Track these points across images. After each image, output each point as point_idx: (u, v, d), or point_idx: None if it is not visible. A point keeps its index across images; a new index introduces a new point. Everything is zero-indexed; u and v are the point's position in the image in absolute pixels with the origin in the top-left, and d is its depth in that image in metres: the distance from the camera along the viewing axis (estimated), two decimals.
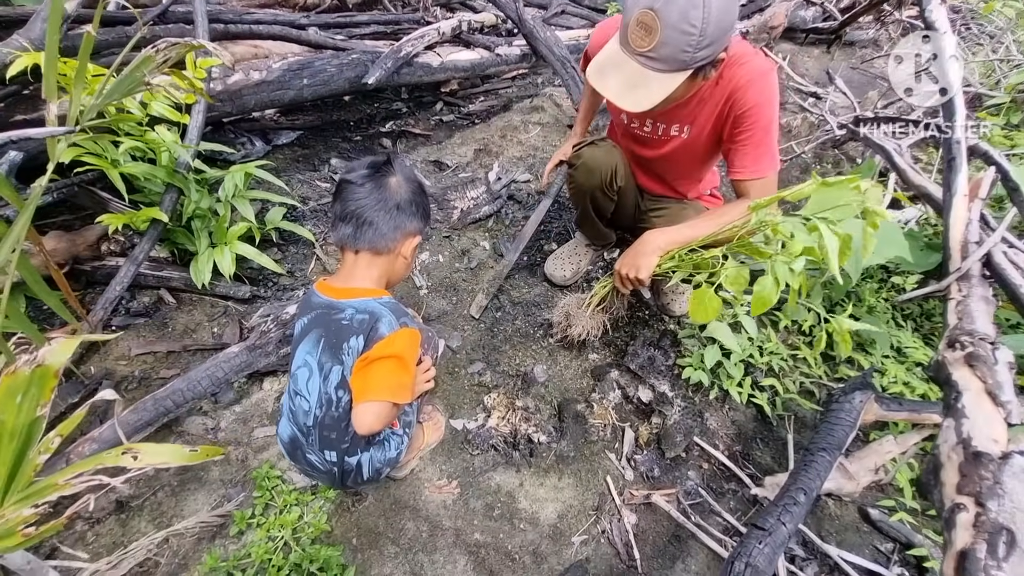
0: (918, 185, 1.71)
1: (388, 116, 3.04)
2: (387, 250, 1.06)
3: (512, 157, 2.60)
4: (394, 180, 1.05)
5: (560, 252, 1.94)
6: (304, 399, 1.05)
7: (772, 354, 1.73)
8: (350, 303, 1.02)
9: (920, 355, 1.82)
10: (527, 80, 3.55)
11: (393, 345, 0.99)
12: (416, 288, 1.89)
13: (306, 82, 2.03)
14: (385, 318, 1.00)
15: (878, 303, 1.99)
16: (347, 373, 1.00)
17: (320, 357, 1.03)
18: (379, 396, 0.97)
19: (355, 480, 1.12)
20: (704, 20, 1.01)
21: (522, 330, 1.75)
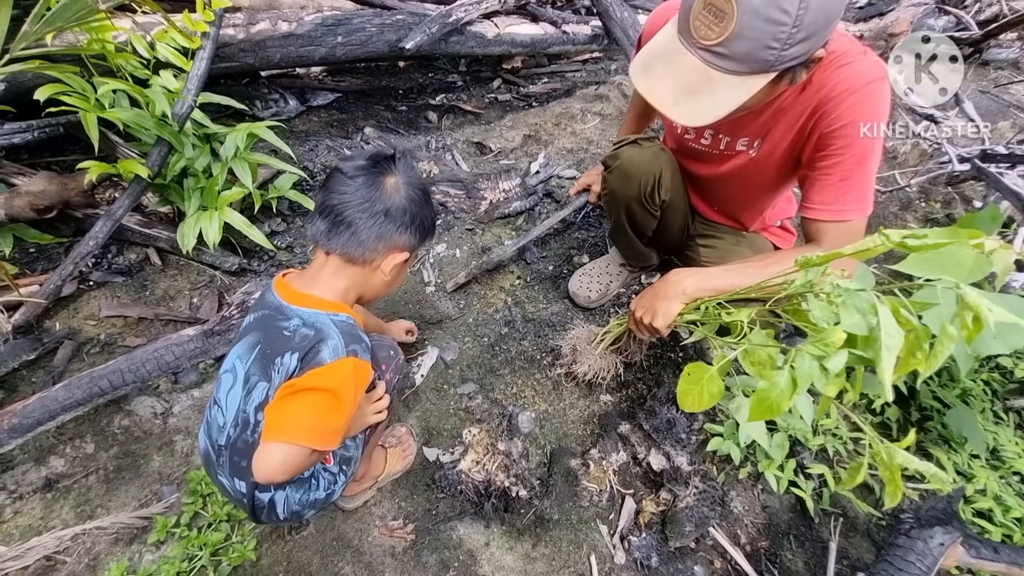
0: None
1: (440, 88, 2.83)
2: (363, 260, 0.88)
3: (562, 148, 2.32)
4: (391, 181, 0.88)
5: (589, 268, 1.66)
6: (220, 412, 0.88)
7: (829, 434, 1.40)
8: (300, 312, 0.85)
9: (1022, 465, 1.44)
10: (599, 65, 3.23)
11: (330, 377, 0.80)
12: (423, 284, 1.69)
13: (340, 40, 1.84)
14: (331, 341, 0.82)
15: (976, 385, 1.60)
16: (271, 394, 0.82)
17: (249, 367, 0.85)
18: (292, 438, 0.77)
19: (269, 517, 0.93)
20: (801, 4, 0.72)
21: (528, 353, 1.50)
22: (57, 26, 0.86)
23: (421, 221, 0.91)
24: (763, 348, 0.76)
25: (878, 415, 1.49)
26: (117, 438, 1.25)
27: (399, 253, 0.90)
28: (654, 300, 1.05)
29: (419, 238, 0.92)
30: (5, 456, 1.18)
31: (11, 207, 1.37)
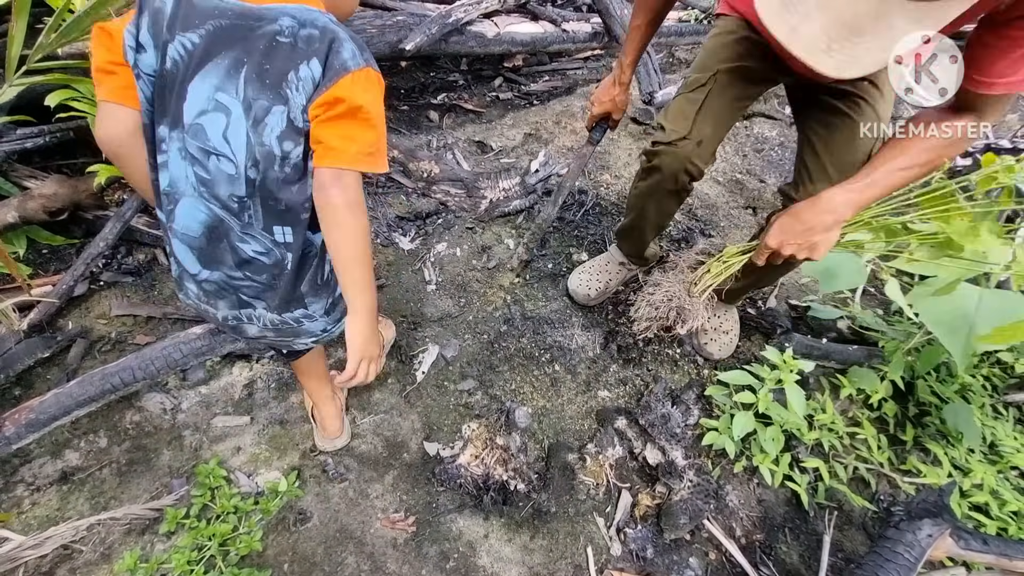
0: None
1: (442, 87, 2.85)
2: None
3: (562, 147, 2.34)
4: None
5: (588, 266, 1.68)
6: (225, 159, 0.71)
7: (825, 429, 1.42)
8: (284, 9, 0.67)
9: (1020, 459, 1.44)
10: (600, 62, 3.23)
11: (364, 90, 0.68)
12: (424, 283, 1.72)
13: None
14: (346, 43, 0.68)
15: (975, 380, 1.61)
16: (295, 116, 0.69)
17: (245, 92, 0.68)
18: (356, 163, 0.70)
19: (314, 281, 0.83)
20: None
21: (527, 351, 1.53)
22: (72, 37, 0.90)
23: None
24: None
25: (875, 410, 1.50)
26: (129, 433, 1.30)
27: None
28: (808, 234, 0.99)
29: None
30: (23, 450, 1.22)
31: (24, 210, 1.41)
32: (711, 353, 1.54)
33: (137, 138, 0.74)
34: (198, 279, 0.81)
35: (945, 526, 0.96)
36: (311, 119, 0.69)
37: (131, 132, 0.74)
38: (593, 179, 2.14)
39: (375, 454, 1.31)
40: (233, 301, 0.83)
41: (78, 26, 0.90)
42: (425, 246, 1.83)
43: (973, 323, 1.12)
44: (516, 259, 1.69)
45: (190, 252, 0.78)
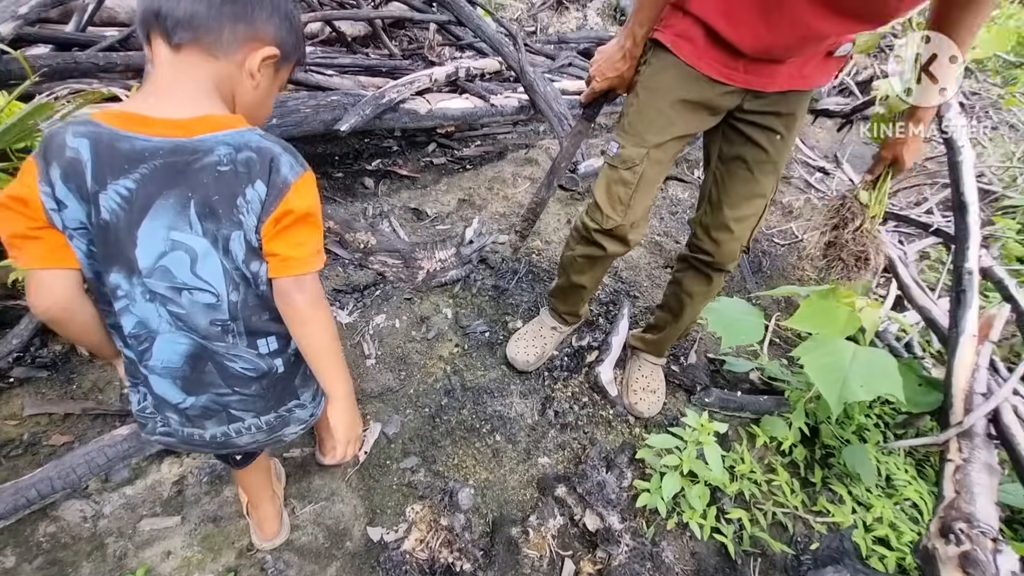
0: (922, 307, 1.54)
1: (376, 153, 2.93)
2: (223, 52, 0.70)
3: (495, 213, 2.46)
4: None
5: (524, 333, 1.76)
6: (200, 291, 0.72)
7: (745, 479, 1.54)
8: (217, 138, 0.68)
9: (912, 492, 1.62)
10: (529, 127, 3.45)
11: (304, 197, 0.72)
12: (363, 357, 1.73)
13: (275, 122, 1.91)
14: (283, 157, 0.71)
15: (869, 420, 1.81)
16: (251, 238, 0.71)
17: (204, 227, 0.69)
18: (312, 266, 0.75)
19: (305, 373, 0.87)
20: None
21: (468, 423, 1.57)
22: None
23: (287, 14, 0.75)
24: None
25: (787, 456, 1.65)
26: (42, 547, 1.20)
27: (264, 47, 0.73)
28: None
29: (288, 35, 0.76)
30: None
31: None
32: (641, 412, 1.65)
33: (81, 297, 0.73)
34: (181, 407, 0.81)
35: (845, 571, 1.07)
36: (263, 237, 0.71)
37: (73, 295, 0.72)
38: (526, 246, 2.26)
39: (317, 546, 1.28)
40: (222, 418, 0.83)
41: (4, 136, 0.90)
42: (364, 319, 1.85)
43: (847, 376, 1.29)
44: (510, 246, 1.78)
45: (172, 383, 0.78)
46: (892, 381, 1.28)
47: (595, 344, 1.84)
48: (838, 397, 1.26)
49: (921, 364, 1.64)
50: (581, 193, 2.65)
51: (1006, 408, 1.16)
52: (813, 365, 1.33)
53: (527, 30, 5.11)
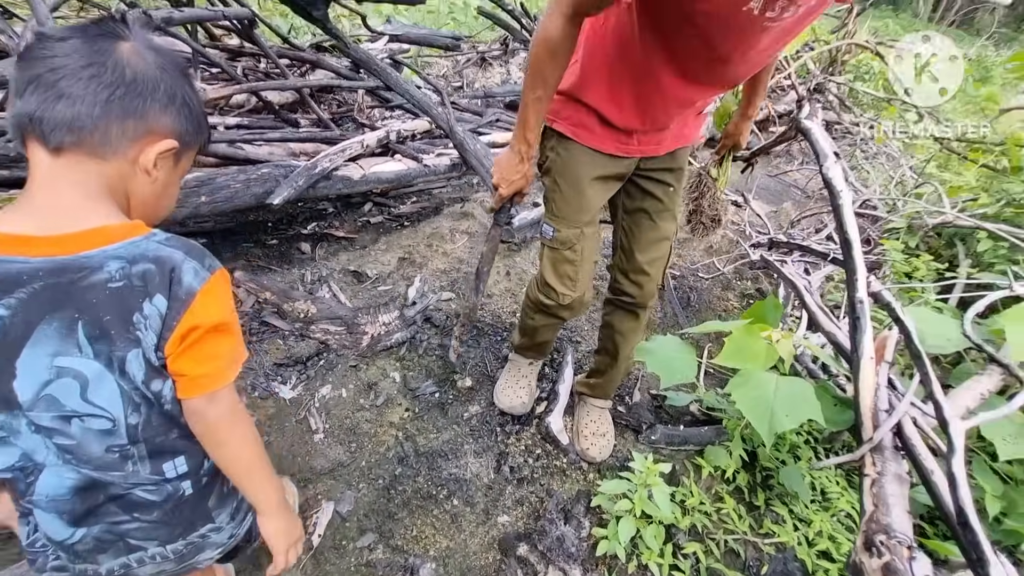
0: (828, 332, 1.71)
1: (311, 216, 2.91)
2: (111, 151, 0.64)
3: (436, 270, 2.50)
4: (126, 46, 0.65)
5: (506, 381, 1.84)
6: (93, 417, 0.66)
7: (696, 511, 1.61)
8: (107, 253, 0.63)
9: (844, 503, 1.75)
10: (463, 179, 3.55)
11: (217, 305, 0.68)
12: (310, 432, 1.68)
13: (204, 200, 1.88)
14: (186, 263, 0.66)
15: (799, 436, 1.94)
16: (151, 356, 0.66)
17: (94, 349, 0.63)
18: (225, 380, 0.71)
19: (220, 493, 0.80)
20: None
21: (424, 490, 1.55)
22: None
23: (184, 100, 0.69)
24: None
25: (732, 483, 1.75)
26: None
27: (160, 141, 0.68)
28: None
29: (187, 123, 0.70)
30: None
31: None
32: (593, 457, 1.70)
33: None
34: (68, 543, 0.73)
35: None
36: (166, 356, 0.66)
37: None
38: (467, 300, 2.31)
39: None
40: (119, 549, 0.75)
41: None
42: (308, 391, 1.81)
43: (773, 407, 1.41)
44: (452, 352, 1.84)
45: (59, 518, 0.71)
46: (812, 407, 1.41)
47: (543, 395, 1.89)
48: (768, 429, 1.37)
49: (835, 383, 1.80)
50: (518, 244, 2.75)
51: (906, 421, 1.30)
52: (743, 400, 1.44)
53: (454, 85, 5.32)
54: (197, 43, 3.00)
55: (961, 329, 1.67)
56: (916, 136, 3.51)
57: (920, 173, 3.19)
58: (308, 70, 3.46)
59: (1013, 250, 2.28)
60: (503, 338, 2.15)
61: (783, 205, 3.88)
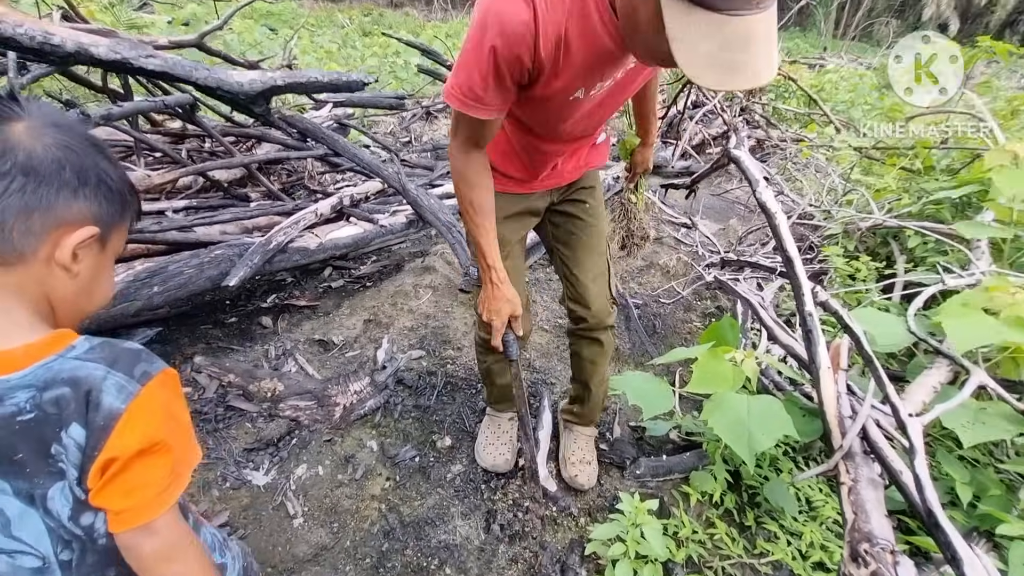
0: (786, 345, 1.78)
1: (270, 288, 2.86)
2: (17, 254, 0.58)
3: (403, 328, 2.49)
4: (19, 127, 0.58)
5: (486, 438, 1.82)
6: (25, 554, 0.61)
7: (689, 541, 1.61)
8: (13, 382, 0.57)
9: (829, 510, 1.78)
10: (421, 232, 3.58)
11: (146, 425, 0.61)
12: (288, 518, 1.61)
13: (157, 290, 1.84)
14: (107, 380, 0.59)
15: (778, 448, 1.98)
16: (76, 491, 0.61)
17: (12, 486, 0.59)
18: (160, 508, 0.62)
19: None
20: None
21: (414, 563, 1.50)
22: None
23: (99, 178, 0.62)
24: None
25: (720, 506, 1.76)
26: None
27: (76, 231, 0.61)
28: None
29: (104, 202, 0.63)
30: None
31: None
32: (582, 484, 1.72)
33: None
34: None
35: None
36: (89, 489, 0.61)
37: None
38: (438, 356, 2.30)
39: None
40: None
41: None
42: (283, 474, 1.75)
43: (749, 428, 1.45)
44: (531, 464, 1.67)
45: None
46: (784, 422, 1.45)
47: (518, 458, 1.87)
48: (748, 450, 1.41)
49: (802, 392, 1.86)
50: None
51: (870, 424, 1.36)
52: (720, 425, 1.47)
53: (402, 141, 5.43)
54: (138, 131, 3.00)
55: (906, 326, 1.77)
56: (837, 148, 3.78)
57: (847, 180, 3.42)
58: (254, 144, 3.48)
59: (941, 244, 2.45)
60: (478, 390, 2.14)
61: (729, 222, 4.07)
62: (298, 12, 11.98)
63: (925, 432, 1.76)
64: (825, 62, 8.87)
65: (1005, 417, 1.49)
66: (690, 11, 0.69)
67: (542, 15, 0.88)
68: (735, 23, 0.69)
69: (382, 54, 8.44)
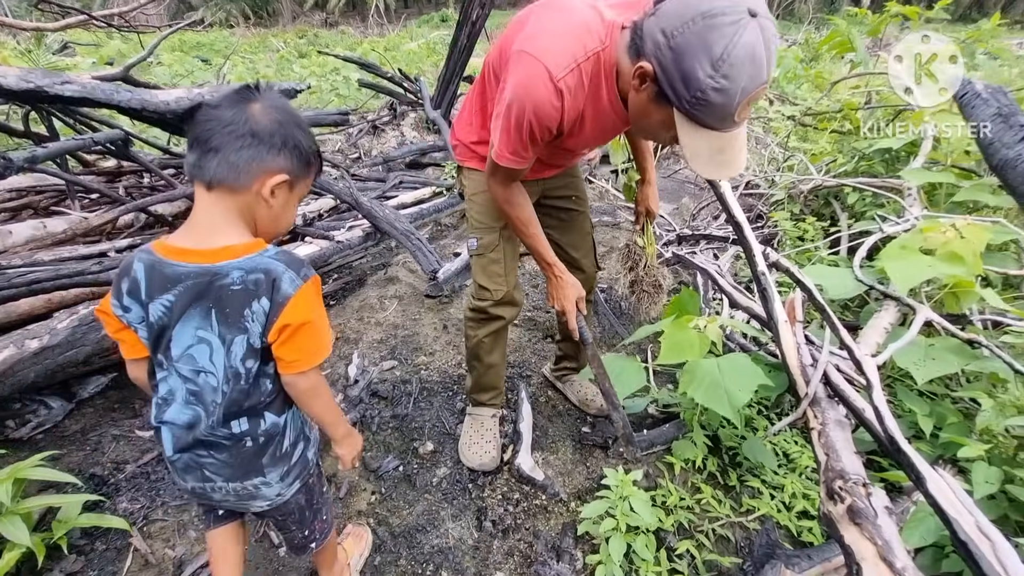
0: (746, 307, 1.84)
1: None
2: (242, 186, 0.88)
3: (372, 341, 2.45)
4: (256, 106, 0.89)
5: (469, 438, 1.82)
6: (212, 375, 0.93)
7: (678, 509, 1.64)
8: (233, 264, 0.88)
9: (806, 459, 1.85)
10: (380, 246, 3.55)
11: (303, 308, 0.90)
12: (273, 548, 1.56)
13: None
14: (285, 274, 0.89)
15: (751, 408, 2.04)
16: (253, 341, 0.90)
17: (219, 330, 0.90)
18: (311, 364, 0.94)
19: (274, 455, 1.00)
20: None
21: (409, 572, 1.48)
22: None
23: (295, 144, 0.91)
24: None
25: (703, 470, 1.80)
26: None
27: (274, 175, 0.89)
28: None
29: (296, 160, 0.92)
30: None
31: None
32: (600, 406, 1.91)
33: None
34: (172, 460, 1.00)
35: (778, 563, 1.19)
36: (270, 342, 0.90)
37: (144, 373, 1.00)
38: (411, 364, 2.28)
39: None
40: (198, 476, 1.00)
41: None
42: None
43: (726, 387, 1.49)
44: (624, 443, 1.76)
45: (171, 439, 0.97)
46: (756, 374, 1.50)
47: (506, 440, 1.87)
48: (729, 408, 1.45)
49: (767, 351, 1.93)
50: (449, 296, 2.76)
51: (831, 370, 1.42)
52: (698, 392, 1.51)
53: (351, 157, 5.36)
54: (70, 172, 2.86)
55: (854, 276, 1.86)
56: (772, 119, 3.94)
57: (786, 148, 3.57)
58: None
59: (877, 196, 2.58)
60: (455, 391, 2.13)
61: (682, 201, 4.18)
62: (230, 40, 11.69)
63: (884, 374, 1.86)
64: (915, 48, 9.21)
65: (952, 351, 1.59)
66: (697, 129, 0.97)
67: (568, 102, 1.12)
68: (725, 136, 0.97)
69: (321, 73, 8.32)
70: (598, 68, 1.10)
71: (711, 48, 0.86)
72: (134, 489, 1.70)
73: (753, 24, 0.86)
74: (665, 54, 0.92)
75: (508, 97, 1.15)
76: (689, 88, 0.91)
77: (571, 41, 1.08)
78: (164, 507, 1.64)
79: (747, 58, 0.86)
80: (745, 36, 0.86)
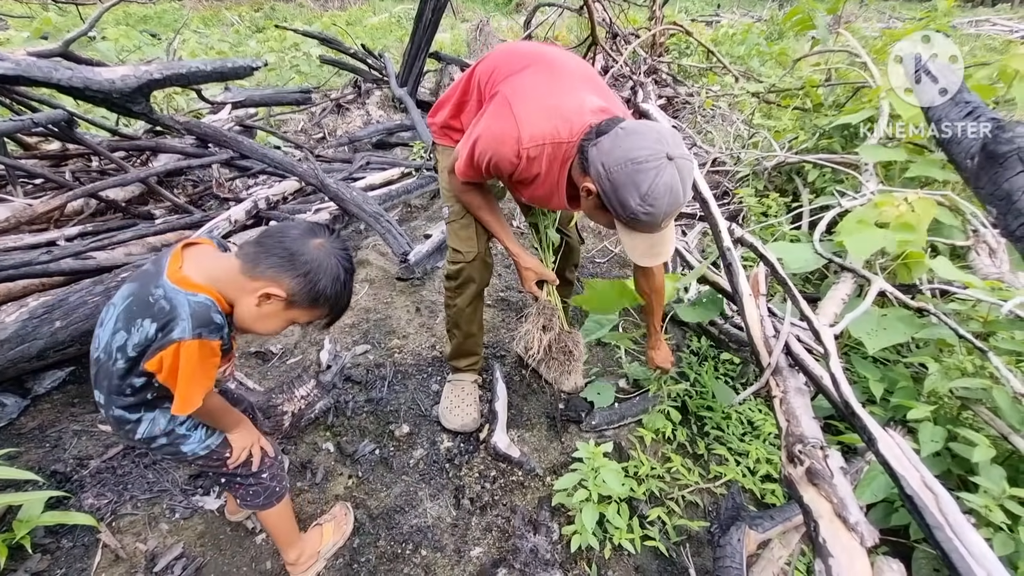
0: (713, 282, 1.89)
1: None
2: (249, 274, 0.98)
3: (344, 326, 2.42)
4: (316, 242, 1.01)
5: (450, 402, 1.88)
6: (103, 333, 1.01)
7: (649, 478, 1.70)
8: (165, 285, 0.95)
9: (770, 426, 1.93)
10: (350, 229, 3.47)
11: (177, 359, 0.95)
12: (250, 535, 1.55)
13: (59, 324, 1.68)
14: (183, 322, 0.93)
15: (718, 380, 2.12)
16: (128, 346, 0.97)
17: (120, 312, 0.99)
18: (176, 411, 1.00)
19: (125, 434, 1.09)
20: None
21: (389, 552, 1.49)
22: None
23: (314, 282, 0.99)
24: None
25: (673, 441, 1.87)
26: None
27: (271, 286, 0.97)
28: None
29: (305, 292, 0.99)
30: None
31: None
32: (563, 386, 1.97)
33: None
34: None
35: (743, 525, 1.25)
36: (151, 369, 0.97)
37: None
38: (384, 348, 2.26)
39: None
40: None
41: None
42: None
43: None
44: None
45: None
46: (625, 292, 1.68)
47: (482, 420, 1.89)
48: None
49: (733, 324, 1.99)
50: (420, 278, 2.74)
51: (792, 340, 1.47)
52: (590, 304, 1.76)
53: (315, 138, 5.19)
54: (9, 156, 2.69)
55: (813, 249, 1.93)
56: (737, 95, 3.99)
57: (751, 125, 3.63)
58: (150, 157, 3.22)
59: (836, 172, 2.66)
60: (429, 373, 2.13)
61: None
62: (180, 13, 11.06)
63: (841, 343, 1.94)
64: (720, 18, 9.26)
65: (903, 320, 1.67)
66: (633, 233, 1.20)
67: (523, 166, 1.32)
68: (655, 236, 1.20)
69: (279, 48, 7.98)
70: (558, 154, 1.29)
71: (640, 186, 1.09)
72: (100, 484, 1.65)
73: (671, 166, 1.09)
74: (605, 183, 1.13)
75: (479, 133, 1.35)
76: (624, 211, 1.13)
77: (550, 125, 1.26)
78: (133, 501, 1.60)
79: (666, 191, 1.09)
80: (664, 177, 1.09)
